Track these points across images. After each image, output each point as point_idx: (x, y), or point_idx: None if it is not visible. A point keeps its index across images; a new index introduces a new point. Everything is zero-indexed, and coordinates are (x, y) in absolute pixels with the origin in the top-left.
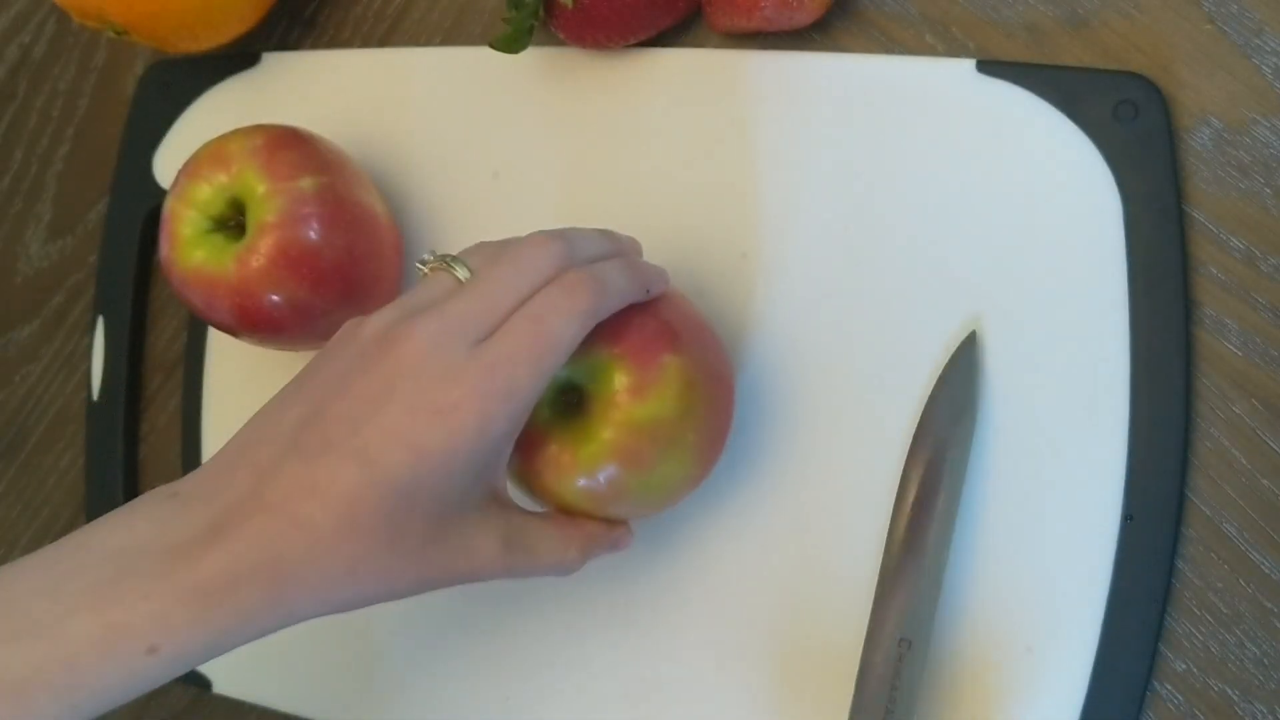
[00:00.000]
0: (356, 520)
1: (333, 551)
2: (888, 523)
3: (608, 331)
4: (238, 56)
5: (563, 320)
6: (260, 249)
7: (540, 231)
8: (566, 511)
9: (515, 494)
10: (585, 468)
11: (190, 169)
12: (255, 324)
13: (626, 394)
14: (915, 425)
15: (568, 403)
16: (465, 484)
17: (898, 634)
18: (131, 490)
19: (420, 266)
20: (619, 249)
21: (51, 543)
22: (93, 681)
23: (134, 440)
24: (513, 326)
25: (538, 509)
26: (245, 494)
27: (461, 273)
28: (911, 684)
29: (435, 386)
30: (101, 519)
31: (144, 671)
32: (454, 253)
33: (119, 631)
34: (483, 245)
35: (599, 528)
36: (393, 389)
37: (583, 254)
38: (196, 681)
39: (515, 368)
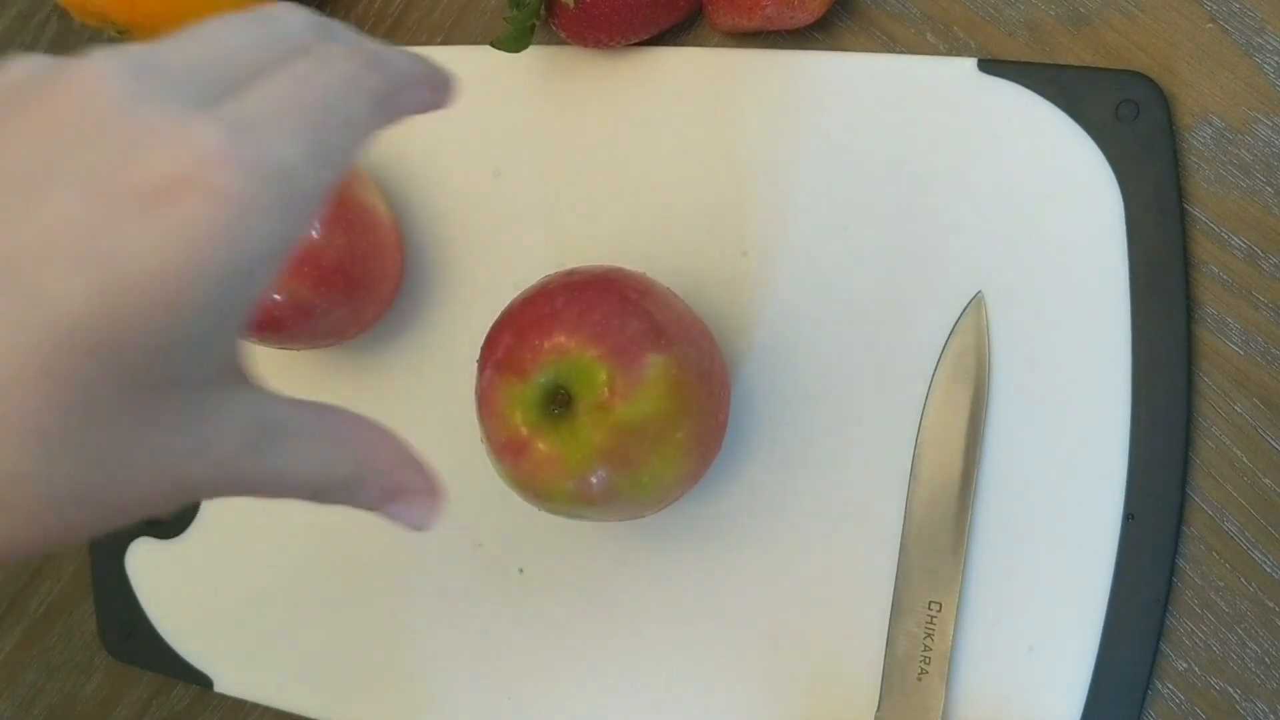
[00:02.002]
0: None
1: None
2: (894, 514)
3: (592, 332)
4: None
5: (342, 86)
6: None
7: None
8: (560, 514)
9: (506, 493)
10: (575, 470)
11: None
12: (256, 323)
13: (612, 395)
14: (917, 420)
15: (556, 405)
16: (200, 336)
17: (926, 597)
18: None
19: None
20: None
21: None
22: None
23: None
24: (267, 83)
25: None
26: None
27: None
28: (944, 646)
29: (143, 153)
30: None
31: None
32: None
33: None
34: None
35: (398, 453)
36: (59, 161)
37: (339, 32)
38: (197, 680)
39: (281, 132)
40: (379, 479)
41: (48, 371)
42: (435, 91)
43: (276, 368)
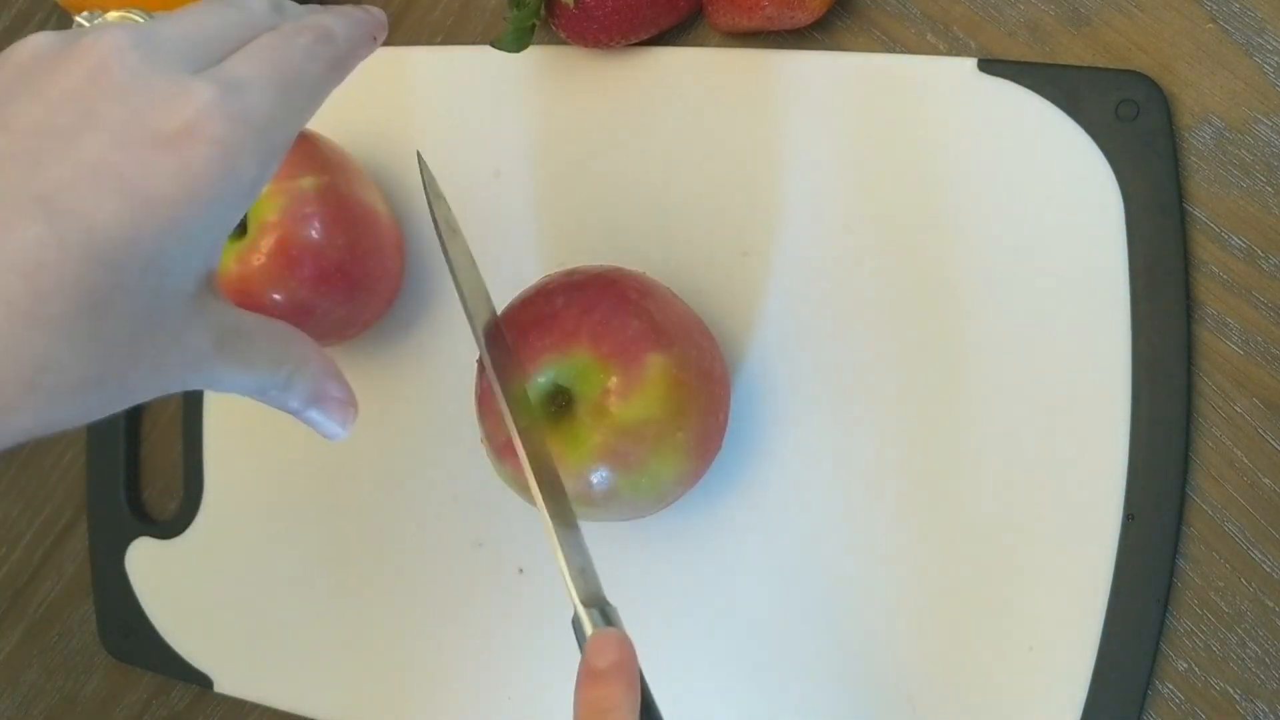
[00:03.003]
0: (40, 303)
1: (2, 359)
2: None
3: (592, 333)
4: None
5: (303, 55)
6: (261, 248)
7: None
8: None
9: (506, 493)
10: (575, 471)
11: None
12: None
13: (612, 395)
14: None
15: (557, 405)
16: (192, 252)
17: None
18: (133, 488)
19: (82, 21)
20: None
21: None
22: None
23: (135, 439)
24: (245, 54)
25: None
26: None
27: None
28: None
29: (155, 107)
30: None
31: None
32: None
33: None
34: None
35: (325, 364)
36: (90, 113)
37: (292, 10)
38: (197, 680)
39: (261, 91)
40: (309, 383)
41: (77, 281)
42: (375, 41)
43: None
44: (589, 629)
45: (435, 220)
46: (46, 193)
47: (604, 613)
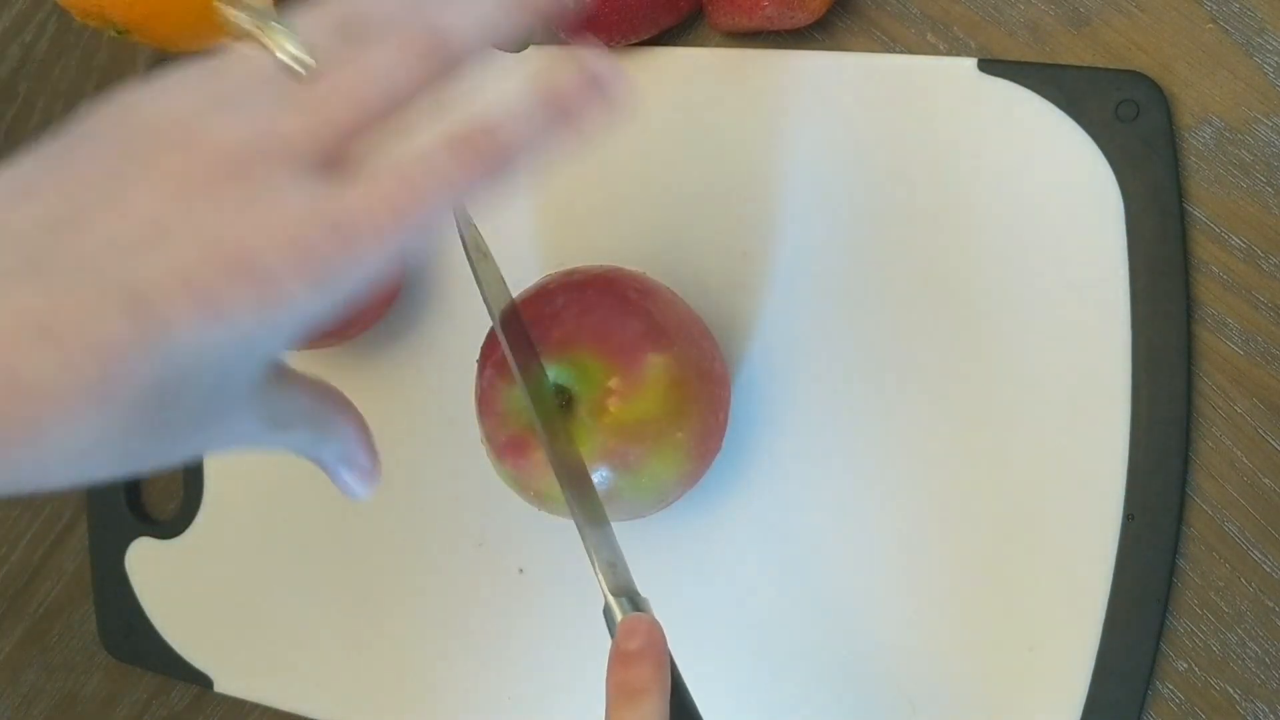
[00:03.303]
0: (109, 389)
1: (62, 427)
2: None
3: (592, 333)
4: None
5: (437, 190)
6: None
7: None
8: (560, 514)
9: (506, 493)
10: None
11: None
12: None
13: (612, 396)
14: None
15: (557, 405)
16: (258, 362)
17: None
18: (133, 488)
19: (230, 15)
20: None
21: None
22: None
23: None
24: (373, 178)
25: None
26: None
27: (287, 55)
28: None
29: (247, 225)
30: None
31: None
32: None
33: None
34: (324, 12)
35: (359, 433)
36: (187, 210)
37: (459, 50)
38: (197, 680)
39: (366, 242)
40: (341, 451)
41: (146, 375)
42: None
43: None
44: (619, 616)
45: (465, 245)
46: (139, 287)
47: (634, 603)
